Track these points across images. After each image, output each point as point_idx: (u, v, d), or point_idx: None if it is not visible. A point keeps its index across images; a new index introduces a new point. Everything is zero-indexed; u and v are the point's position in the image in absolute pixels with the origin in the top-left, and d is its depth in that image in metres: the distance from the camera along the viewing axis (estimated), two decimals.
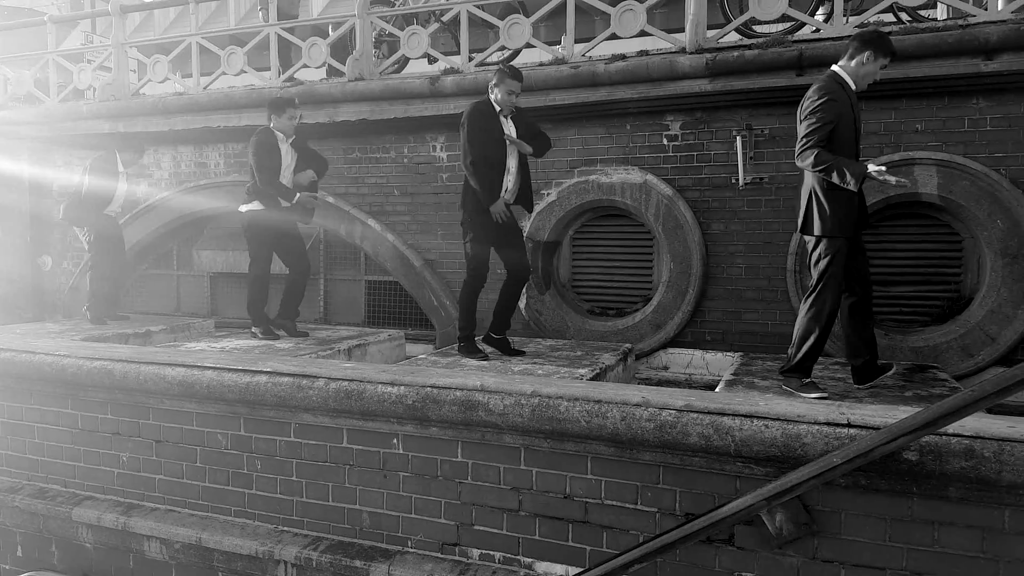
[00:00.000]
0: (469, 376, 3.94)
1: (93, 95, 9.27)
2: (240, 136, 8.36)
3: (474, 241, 5.59)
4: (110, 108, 8.89)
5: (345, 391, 3.94)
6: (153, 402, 4.54)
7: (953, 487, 2.91)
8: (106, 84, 9.06)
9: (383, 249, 7.85)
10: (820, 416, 3.10)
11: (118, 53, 9.04)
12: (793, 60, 6.00)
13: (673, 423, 3.25)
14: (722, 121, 6.50)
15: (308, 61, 8.02)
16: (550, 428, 3.50)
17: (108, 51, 9.18)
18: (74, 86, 9.32)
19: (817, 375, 4.98)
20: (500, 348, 5.84)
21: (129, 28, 9.37)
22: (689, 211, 6.58)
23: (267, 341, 6.52)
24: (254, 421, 4.29)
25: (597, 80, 6.65)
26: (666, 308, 6.71)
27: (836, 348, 6.09)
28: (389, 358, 6.92)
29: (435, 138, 7.60)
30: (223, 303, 9.15)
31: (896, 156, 5.88)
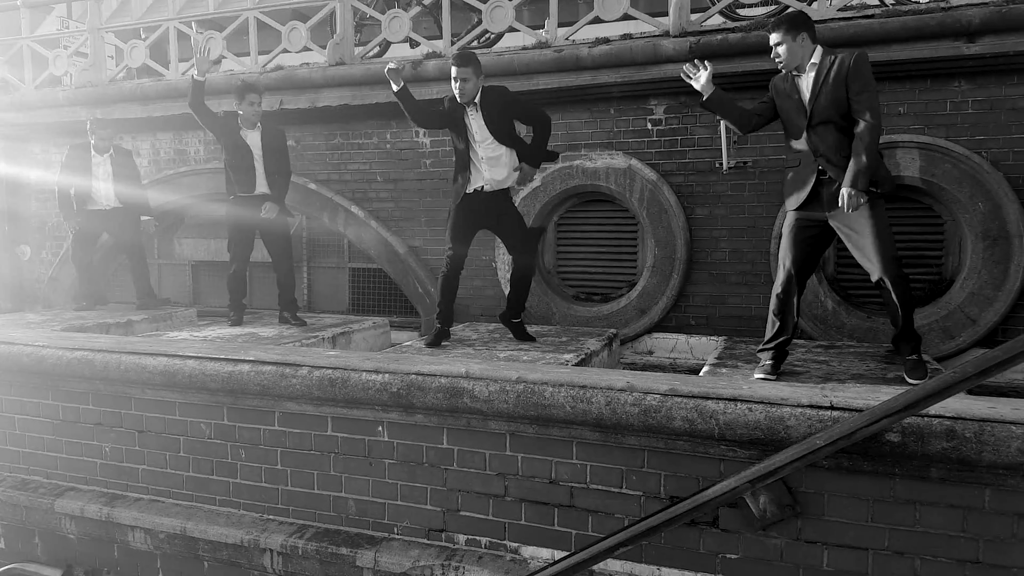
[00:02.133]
0: (454, 363, 3.95)
1: (70, 82, 9.16)
2: None
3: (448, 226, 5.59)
4: (87, 95, 8.79)
5: (329, 379, 3.93)
6: (135, 392, 4.52)
7: (935, 468, 2.95)
8: (83, 70, 8.95)
9: (367, 236, 7.82)
10: (803, 399, 3.12)
11: (94, 38, 8.92)
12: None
13: (658, 407, 3.27)
14: None
15: (288, 46, 7.94)
16: (535, 414, 3.51)
17: (84, 36, 9.06)
18: (50, 72, 9.20)
19: (800, 357, 5.02)
20: (512, 332, 5.83)
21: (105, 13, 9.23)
22: (673, 196, 6.59)
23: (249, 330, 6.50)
24: (237, 410, 4.28)
25: (581, 64, 6.64)
26: (651, 293, 6.73)
27: (819, 331, 6.14)
28: (374, 346, 6.91)
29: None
30: (205, 291, 9.09)
31: None
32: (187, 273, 9.14)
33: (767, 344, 4.54)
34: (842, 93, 4.20)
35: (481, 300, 7.44)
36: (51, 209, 9.35)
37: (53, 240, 9.47)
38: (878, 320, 6.03)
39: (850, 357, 5.06)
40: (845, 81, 4.18)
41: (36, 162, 9.48)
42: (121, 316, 7.20)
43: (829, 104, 4.24)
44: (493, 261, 7.28)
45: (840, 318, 6.12)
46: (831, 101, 4.23)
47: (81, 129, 8.98)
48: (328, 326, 6.73)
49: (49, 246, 9.52)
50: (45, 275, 9.46)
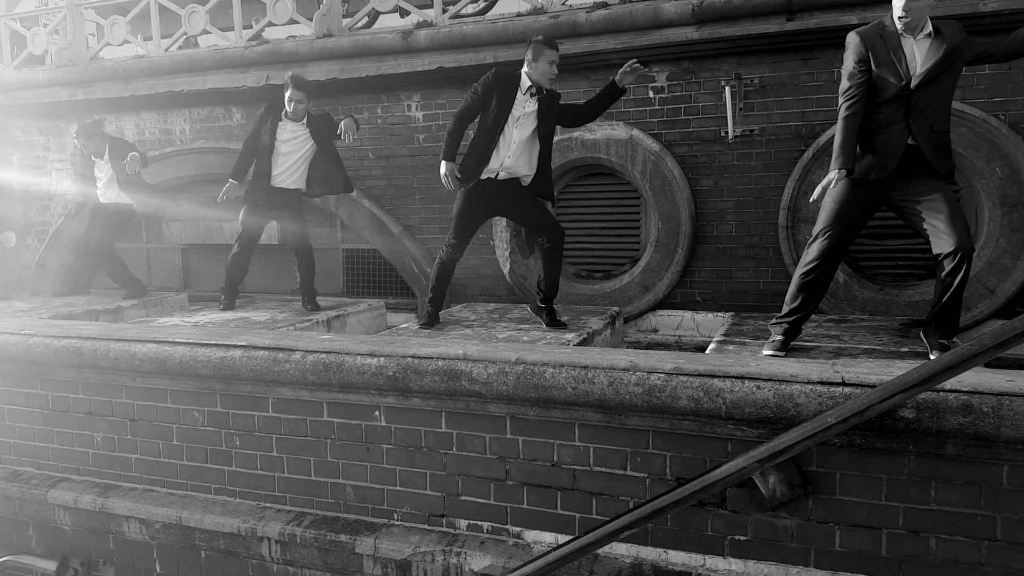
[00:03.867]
0: (451, 345, 3.94)
1: (50, 61, 9.10)
2: (206, 100, 8.24)
3: (456, 202, 5.54)
4: (68, 74, 8.74)
5: (323, 364, 3.92)
6: (125, 380, 4.52)
7: (951, 444, 2.93)
8: (62, 49, 8.89)
9: (359, 216, 7.79)
10: (814, 375, 3.10)
11: (73, 15, 8.86)
12: (783, 5, 5.95)
13: (662, 387, 3.25)
14: (710, 71, 6.44)
15: (273, 18, 7.87)
16: (536, 396, 3.50)
17: (63, 13, 8.99)
18: (29, 52, 9.14)
19: (810, 332, 5.00)
20: (546, 318, 5.66)
21: None
22: (677, 167, 6.54)
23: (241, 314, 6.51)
24: (230, 397, 4.28)
25: (578, 30, 6.57)
26: (654, 269, 6.70)
27: (829, 305, 6.11)
28: (370, 328, 6.91)
29: (410, 97, 7.49)
30: (196, 276, 9.08)
31: None
32: (177, 256, 9.12)
33: (783, 317, 4.50)
34: (957, 65, 4.21)
35: (479, 280, 7.42)
36: (36, 194, 9.32)
37: (39, 226, 9.44)
38: (891, 292, 6.01)
39: (862, 331, 5.05)
40: (961, 53, 4.20)
41: (18, 145, 9.44)
42: (110, 302, 7.21)
43: (938, 77, 4.18)
44: (491, 239, 7.25)
45: (852, 291, 6.10)
46: (944, 72, 4.19)
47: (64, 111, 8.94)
48: (322, 309, 6.72)
49: (35, 232, 9.49)
50: (31, 261, 9.44)
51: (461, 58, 6.98)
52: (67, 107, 8.92)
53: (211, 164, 8.35)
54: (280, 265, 8.40)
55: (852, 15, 5.79)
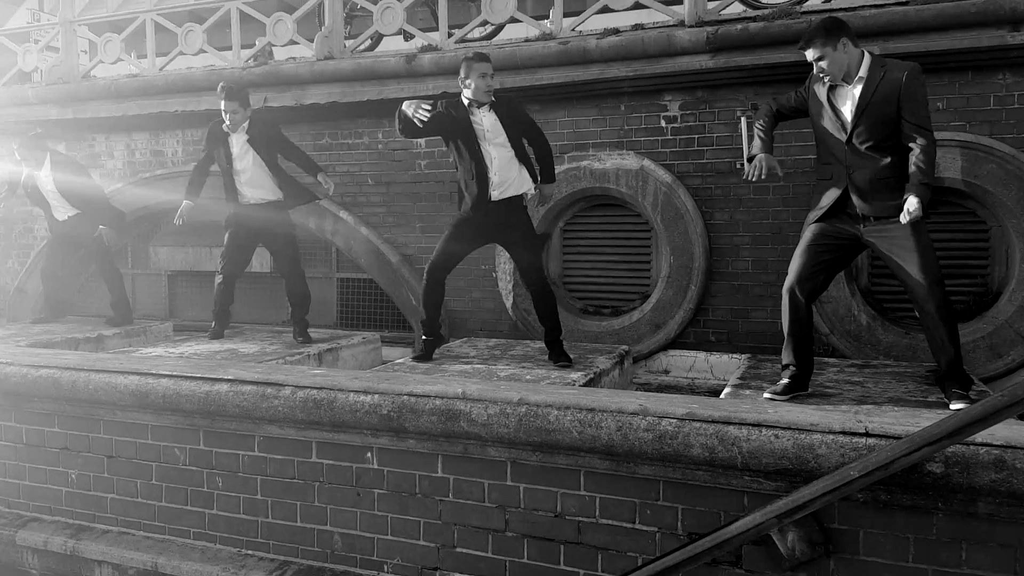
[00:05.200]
0: (450, 383, 3.89)
1: (40, 78, 9.15)
2: (200, 121, 8.25)
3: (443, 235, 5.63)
4: (58, 92, 8.78)
5: (314, 400, 3.88)
6: (104, 414, 4.48)
7: (982, 502, 2.87)
8: (53, 66, 8.94)
9: (356, 244, 7.77)
10: (835, 424, 3.05)
11: (66, 32, 8.92)
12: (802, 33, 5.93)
13: (674, 433, 3.20)
14: (725, 100, 6.45)
15: (273, 39, 7.92)
16: (539, 440, 3.44)
17: (56, 30, 9.06)
18: (19, 68, 9.19)
19: (831, 378, 4.94)
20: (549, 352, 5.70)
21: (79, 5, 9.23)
22: (690, 199, 6.52)
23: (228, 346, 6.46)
24: (215, 434, 4.23)
25: (588, 57, 6.59)
26: (666, 306, 6.66)
27: (852, 348, 6.05)
28: (364, 363, 6.85)
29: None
30: (182, 304, 9.05)
31: None
32: (163, 284, 9.10)
33: (782, 365, 4.52)
34: (891, 112, 4.13)
35: (480, 314, 7.37)
36: (17, 216, 9.33)
37: (20, 249, 9.44)
38: (917, 336, 5.94)
39: (887, 378, 4.99)
40: (897, 100, 4.11)
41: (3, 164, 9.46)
42: (91, 330, 7.17)
43: (873, 124, 4.17)
44: (493, 271, 7.22)
45: (875, 334, 6.04)
46: (876, 121, 4.16)
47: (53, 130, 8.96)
48: (314, 341, 6.68)
49: (16, 255, 9.49)
50: (11, 285, 9.42)
51: None
52: (56, 126, 8.94)
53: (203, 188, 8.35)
54: (270, 295, 8.37)
55: (874, 44, 5.78)
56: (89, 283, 9.22)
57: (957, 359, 4.17)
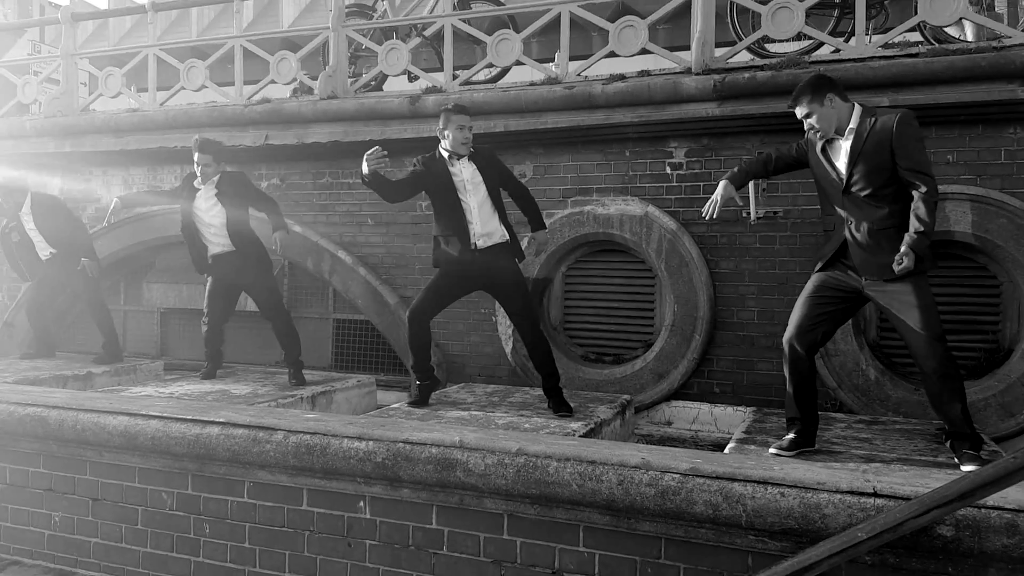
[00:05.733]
0: (447, 431, 3.87)
1: (39, 110, 9.23)
2: None
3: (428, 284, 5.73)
4: (57, 125, 8.86)
5: (307, 446, 3.86)
6: (91, 455, 4.46)
7: (994, 568, 2.84)
8: (53, 98, 9.03)
9: (354, 284, 7.78)
10: (843, 483, 3.03)
11: (67, 65, 9.03)
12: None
13: (677, 489, 3.17)
14: (731, 149, 6.50)
15: (276, 77, 8.02)
16: (537, 492, 3.42)
17: (56, 62, 9.16)
18: (17, 100, 9.29)
19: (838, 434, 4.92)
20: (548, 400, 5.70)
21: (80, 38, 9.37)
22: (695, 247, 6.55)
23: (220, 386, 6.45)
24: (203, 478, 4.20)
25: (594, 102, 6.66)
26: (669, 355, 6.65)
27: (860, 403, 6.03)
28: (358, 407, 6.82)
29: (414, 163, 7.55)
30: (174, 342, 9.03)
31: None
32: (155, 321, 9.09)
33: (787, 419, 4.51)
34: (884, 160, 4.16)
35: (479, 358, 7.36)
36: None
37: (9, 282, 9.45)
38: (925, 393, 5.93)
39: (895, 435, 4.96)
40: (890, 147, 4.14)
41: None
42: (80, 367, 7.16)
43: (868, 173, 4.21)
44: (493, 315, 7.22)
45: (884, 389, 6.02)
46: (871, 170, 4.20)
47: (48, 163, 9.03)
48: (308, 384, 6.66)
49: (6, 288, 9.50)
50: None
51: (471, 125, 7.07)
52: (54, 159, 9.01)
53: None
54: (264, 335, 8.34)
55: (883, 96, 5.86)
56: (79, 319, 9.22)
57: (964, 418, 4.15)
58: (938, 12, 5.91)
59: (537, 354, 5.60)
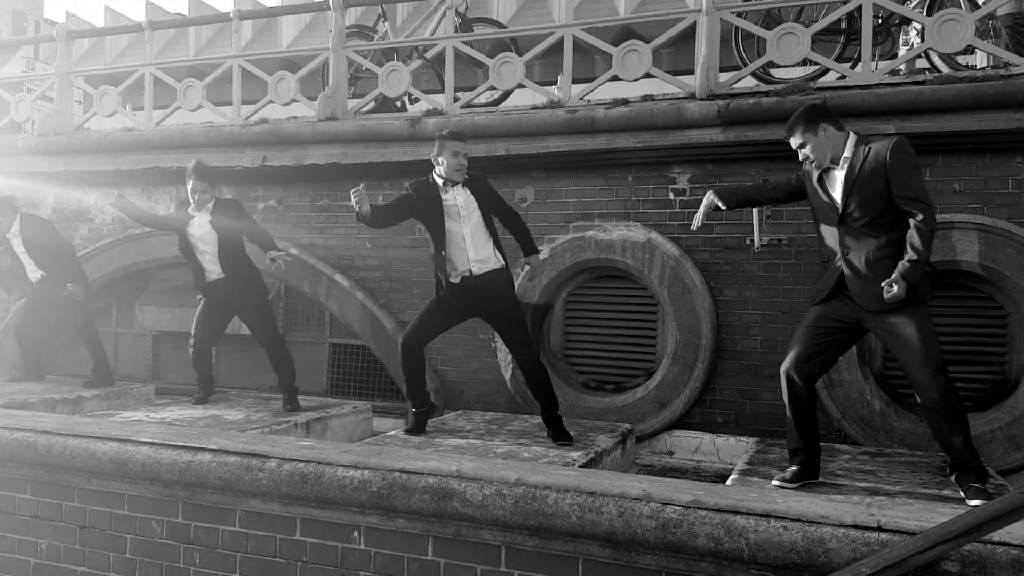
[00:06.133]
0: (444, 460, 3.88)
1: (32, 128, 9.29)
2: None
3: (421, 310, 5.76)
4: (50, 144, 8.91)
5: (300, 474, 3.86)
6: (80, 481, 4.45)
7: None
8: (47, 117, 9.09)
9: (351, 308, 7.80)
10: (847, 517, 3.03)
11: (62, 83, 9.09)
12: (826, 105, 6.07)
13: (678, 521, 3.18)
14: (735, 175, 6.54)
15: (275, 97, 8.08)
16: (536, 523, 3.42)
17: (51, 80, 9.23)
18: (11, 118, 9.34)
19: (842, 466, 4.92)
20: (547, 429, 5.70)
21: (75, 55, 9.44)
22: (698, 274, 6.58)
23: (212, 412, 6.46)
24: (194, 507, 4.20)
25: (596, 126, 6.72)
26: (671, 384, 6.66)
27: (864, 435, 6.04)
28: (353, 434, 6.82)
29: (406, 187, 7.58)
30: (166, 366, 9.03)
31: None
32: (147, 344, 9.10)
33: (789, 450, 4.53)
34: (880, 189, 4.19)
35: (477, 385, 7.36)
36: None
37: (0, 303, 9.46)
38: None
39: (900, 467, 4.97)
40: (884, 176, 4.18)
41: None
42: (69, 391, 7.16)
43: (864, 203, 4.25)
44: (492, 341, 7.23)
45: (889, 421, 6.03)
46: (866, 199, 4.24)
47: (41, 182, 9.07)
48: (302, 410, 6.66)
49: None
50: None
51: (471, 148, 7.05)
52: (46, 178, 9.05)
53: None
54: (257, 359, 8.33)
55: (889, 123, 5.92)
56: (68, 342, 9.23)
57: (967, 450, 4.15)
58: (945, 39, 5.98)
59: (535, 382, 5.61)
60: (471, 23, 8.22)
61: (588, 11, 11.62)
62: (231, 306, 6.83)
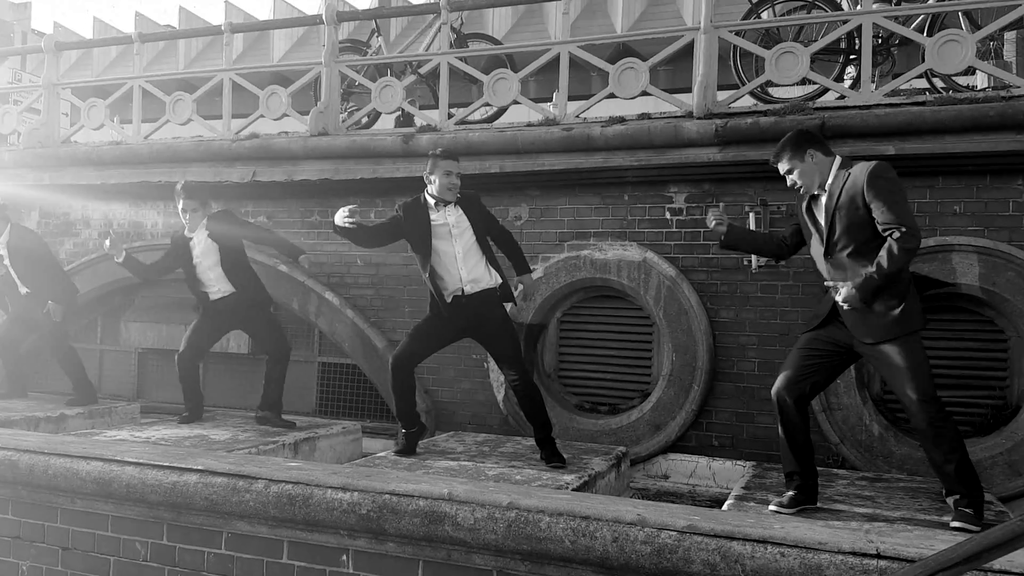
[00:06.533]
0: (435, 482, 3.87)
1: (18, 141, 9.30)
2: None
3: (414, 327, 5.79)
4: (36, 156, 8.92)
5: (288, 496, 3.85)
6: (63, 501, 4.43)
7: None
8: (33, 129, 9.11)
9: (341, 327, 7.80)
10: (845, 544, 3.04)
11: (49, 95, 9.11)
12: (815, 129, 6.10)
13: (674, 547, 3.18)
14: (733, 195, 6.58)
15: (266, 111, 8.10)
16: (529, 548, 3.42)
17: (38, 92, 9.25)
18: None
19: (840, 491, 4.93)
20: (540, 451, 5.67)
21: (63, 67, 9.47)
22: (694, 295, 6.60)
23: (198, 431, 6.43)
24: (179, 528, 4.18)
25: (592, 144, 6.75)
26: (667, 406, 6.67)
27: (863, 460, 6.05)
28: (343, 455, 6.80)
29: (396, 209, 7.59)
30: (152, 384, 9.01)
31: (931, 241, 5.94)
32: (132, 362, 9.08)
33: (785, 474, 4.54)
34: (860, 215, 4.17)
35: (469, 406, 7.36)
36: None
37: None
38: None
39: (899, 493, 4.97)
40: (863, 202, 4.15)
41: None
42: (52, 409, 7.12)
43: (847, 228, 4.24)
44: (485, 361, 7.23)
45: (888, 446, 6.04)
46: (848, 226, 4.23)
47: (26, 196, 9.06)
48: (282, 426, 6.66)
49: None
50: None
51: (465, 165, 7.07)
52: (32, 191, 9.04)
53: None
54: (245, 378, 8.36)
55: (889, 144, 5.96)
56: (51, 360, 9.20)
57: (959, 477, 4.14)
58: (945, 60, 6.03)
59: (528, 403, 5.61)
60: (466, 39, 8.26)
61: (584, 28, 11.74)
62: (235, 319, 6.80)
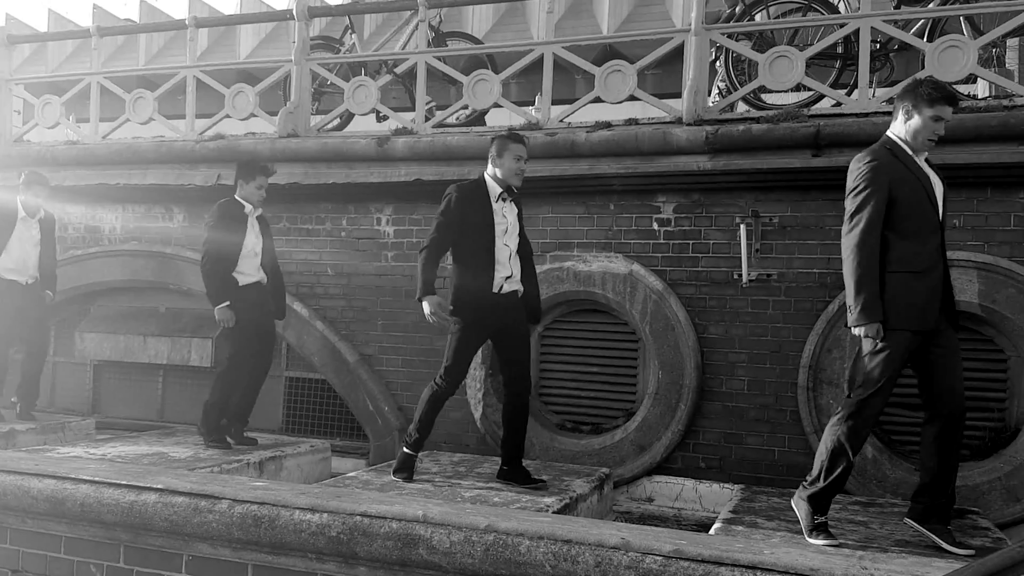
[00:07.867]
0: (409, 503, 3.89)
1: None
2: (145, 196, 8.34)
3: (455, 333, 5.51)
4: None
5: (253, 517, 3.85)
6: (13, 521, 4.41)
7: None
8: None
9: (310, 340, 7.79)
10: (837, 570, 3.08)
11: (1, 91, 9.06)
12: (809, 137, 6.17)
13: (659, 572, 3.21)
14: (723, 205, 6.63)
15: (232, 111, 8.10)
16: (507, 573, 3.44)
17: None
18: None
19: (833, 516, 4.96)
20: (514, 478, 5.59)
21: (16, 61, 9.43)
22: (682, 310, 6.64)
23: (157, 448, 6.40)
24: (137, 551, 4.17)
25: (577, 150, 6.79)
26: (652, 426, 6.70)
27: (856, 484, 6.09)
28: (310, 475, 6.79)
29: (381, 209, 7.64)
30: (108, 399, 8.95)
31: None
32: (87, 375, 9.02)
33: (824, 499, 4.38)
34: None
35: (445, 424, 7.31)
36: None
37: None
38: None
39: (893, 518, 5.02)
40: None
41: None
42: (3, 425, 7.06)
43: None
44: None
45: (882, 469, 6.09)
46: None
47: None
48: (256, 448, 6.63)
49: None
50: None
51: (443, 171, 7.16)
52: None
53: (140, 269, 8.40)
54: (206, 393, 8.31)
55: None
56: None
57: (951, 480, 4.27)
58: (946, 67, 6.09)
59: (519, 420, 5.59)
60: (445, 37, 8.29)
61: (569, 28, 11.79)
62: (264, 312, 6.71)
